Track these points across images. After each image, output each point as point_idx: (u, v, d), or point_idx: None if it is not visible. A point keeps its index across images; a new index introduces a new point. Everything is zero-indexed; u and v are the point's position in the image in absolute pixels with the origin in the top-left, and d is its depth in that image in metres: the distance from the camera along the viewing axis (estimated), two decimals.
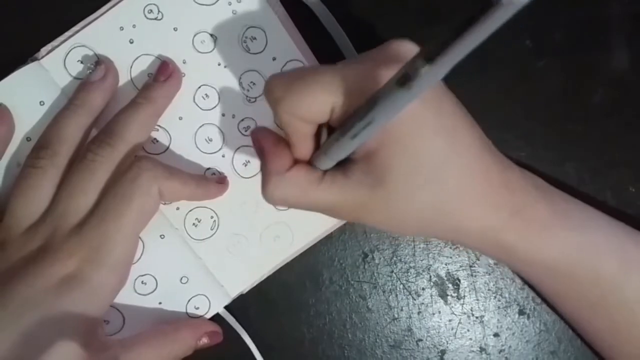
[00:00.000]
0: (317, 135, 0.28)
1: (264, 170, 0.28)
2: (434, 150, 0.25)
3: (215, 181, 0.33)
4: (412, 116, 0.24)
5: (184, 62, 0.33)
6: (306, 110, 0.25)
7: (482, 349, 0.35)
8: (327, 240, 0.35)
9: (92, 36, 0.33)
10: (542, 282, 0.30)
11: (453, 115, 0.26)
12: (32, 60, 0.33)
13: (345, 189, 0.27)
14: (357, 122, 0.22)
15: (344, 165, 0.27)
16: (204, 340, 0.33)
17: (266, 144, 0.28)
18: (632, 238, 0.29)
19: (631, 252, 0.29)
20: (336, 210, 0.28)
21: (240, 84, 0.34)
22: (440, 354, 0.35)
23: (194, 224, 0.34)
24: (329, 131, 0.28)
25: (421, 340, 0.35)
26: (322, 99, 0.25)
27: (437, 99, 0.26)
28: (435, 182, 0.26)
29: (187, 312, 0.34)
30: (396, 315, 0.35)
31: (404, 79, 0.18)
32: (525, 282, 0.34)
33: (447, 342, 0.35)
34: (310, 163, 0.28)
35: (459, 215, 0.27)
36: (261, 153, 0.29)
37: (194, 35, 0.33)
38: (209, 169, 0.34)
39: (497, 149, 0.29)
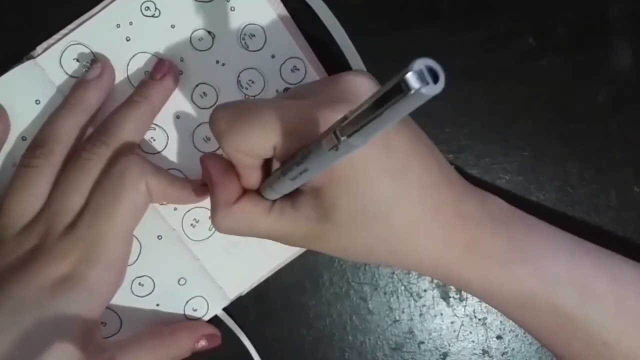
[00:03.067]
0: (267, 164, 0.28)
1: (212, 201, 0.28)
2: (379, 192, 0.25)
3: (199, 183, 0.33)
4: (357, 157, 0.24)
5: (182, 60, 0.33)
6: (248, 147, 0.25)
7: (484, 352, 0.35)
8: None
9: (88, 34, 0.32)
10: (502, 311, 0.30)
11: (403, 154, 0.26)
12: (28, 59, 0.32)
13: (293, 221, 0.27)
14: (294, 166, 0.22)
15: (293, 194, 0.27)
16: (202, 343, 0.33)
17: (214, 173, 0.28)
18: (597, 265, 0.29)
19: (592, 282, 0.28)
20: (285, 239, 0.28)
21: (239, 82, 0.33)
22: (442, 357, 0.35)
23: (191, 224, 0.34)
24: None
25: (423, 342, 0.35)
26: (262, 139, 0.25)
27: (385, 137, 0.25)
28: (381, 221, 0.26)
29: (185, 314, 0.34)
30: (397, 318, 0.35)
31: (330, 144, 0.18)
32: None
33: (449, 344, 0.35)
34: (259, 191, 0.28)
35: (408, 250, 0.27)
36: (209, 182, 0.28)
37: (192, 33, 0.33)
38: None
39: (462, 175, 0.29)
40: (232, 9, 0.33)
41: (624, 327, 0.28)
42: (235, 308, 0.35)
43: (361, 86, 0.26)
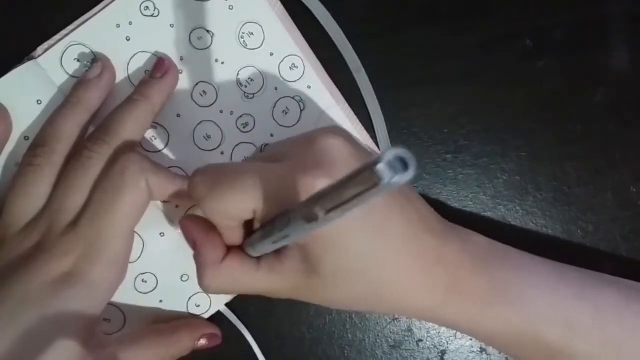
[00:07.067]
0: (249, 222, 0.28)
1: (198, 262, 0.28)
2: (361, 247, 0.26)
3: None
4: None
5: (181, 59, 0.33)
6: (228, 212, 0.26)
7: (482, 350, 0.35)
8: None
9: (88, 34, 0.33)
10: (492, 346, 0.31)
11: (383, 209, 0.26)
12: (29, 59, 0.32)
13: (281, 275, 0.27)
14: (275, 232, 0.23)
15: (279, 249, 0.27)
16: (202, 342, 0.33)
17: (197, 235, 0.28)
18: (580, 297, 0.29)
19: (575, 316, 0.28)
20: (274, 293, 0.29)
21: (238, 80, 0.33)
22: (440, 355, 0.35)
23: None
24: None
25: (421, 340, 0.35)
26: (241, 204, 0.25)
27: None
28: (366, 274, 0.27)
29: (188, 310, 0.34)
30: (396, 316, 0.35)
31: (309, 218, 0.19)
32: None
33: (447, 342, 0.35)
34: (243, 248, 0.29)
35: (394, 299, 0.28)
36: (193, 245, 0.29)
37: (191, 32, 0.33)
38: None
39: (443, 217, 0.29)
40: (231, 7, 0.33)
41: (609, 357, 0.28)
42: (237, 304, 0.35)
43: (336, 150, 0.26)
